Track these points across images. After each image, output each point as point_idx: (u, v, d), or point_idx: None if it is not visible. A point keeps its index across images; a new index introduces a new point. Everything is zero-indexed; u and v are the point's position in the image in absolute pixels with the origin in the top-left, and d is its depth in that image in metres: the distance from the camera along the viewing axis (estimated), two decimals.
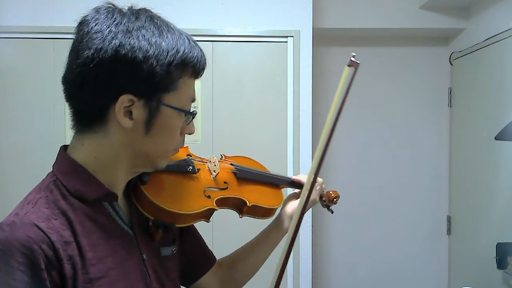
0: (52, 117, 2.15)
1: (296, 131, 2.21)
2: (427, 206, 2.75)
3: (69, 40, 0.77)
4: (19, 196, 0.80)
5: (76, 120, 0.76)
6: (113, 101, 0.71)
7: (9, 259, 0.62)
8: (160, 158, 0.79)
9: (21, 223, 0.66)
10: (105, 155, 0.75)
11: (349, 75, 0.88)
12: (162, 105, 0.73)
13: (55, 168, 0.77)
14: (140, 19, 0.73)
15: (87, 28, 0.72)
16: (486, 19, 2.32)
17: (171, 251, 0.86)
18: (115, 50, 0.69)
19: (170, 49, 0.72)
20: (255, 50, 2.21)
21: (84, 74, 0.70)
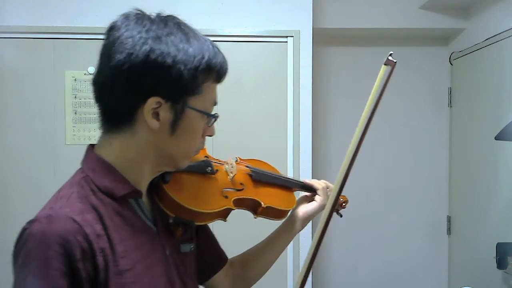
0: (52, 117, 2.15)
1: (296, 131, 2.21)
2: (427, 206, 2.75)
3: (69, 40, 0.78)
4: (19, 196, 0.80)
5: (104, 120, 0.79)
6: (141, 103, 0.74)
7: (47, 249, 0.66)
8: (183, 158, 0.83)
9: (57, 216, 0.70)
10: (131, 154, 0.78)
11: (385, 74, 0.91)
12: (187, 108, 0.77)
13: (84, 165, 0.81)
14: (169, 25, 0.78)
15: (118, 33, 0.75)
16: (486, 19, 2.32)
17: (189, 248, 0.90)
18: (146, 55, 0.72)
19: (197, 55, 0.75)
20: (255, 50, 2.21)
21: (115, 77, 0.74)
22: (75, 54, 2.15)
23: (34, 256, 0.67)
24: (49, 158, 2.14)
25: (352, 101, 2.73)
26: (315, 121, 2.31)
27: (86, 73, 2.15)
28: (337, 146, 2.72)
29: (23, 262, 0.69)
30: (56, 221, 0.69)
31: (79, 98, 2.16)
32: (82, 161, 0.82)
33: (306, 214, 1.10)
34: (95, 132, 2.16)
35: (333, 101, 2.73)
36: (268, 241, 1.10)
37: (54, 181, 2.13)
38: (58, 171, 2.14)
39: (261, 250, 1.10)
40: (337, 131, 2.73)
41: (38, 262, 0.66)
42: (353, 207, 2.79)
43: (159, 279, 0.79)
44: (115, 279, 0.71)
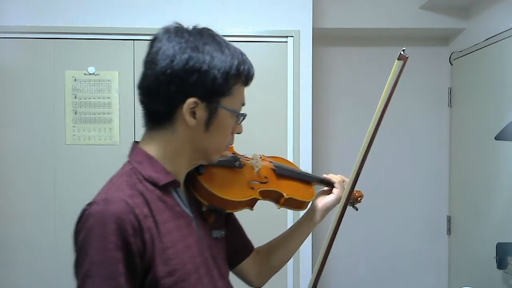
0: (52, 117, 2.15)
1: (296, 131, 2.21)
2: (427, 206, 2.75)
3: (69, 40, 0.80)
4: (19, 196, 0.81)
5: (148, 119, 0.92)
6: (181, 103, 0.86)
7: (104, 226, 0.78)
8: (215, 152, 0.94)
9: (112, 198, 0.81)
10: (171, 149, 0.90)
11: (398, 68, 1.01)
12: (219, 107, 0.89)
13: (131, 158, 0.92)
14: (204, 36, 0.88)
15: (161, 44, 0.87)
16: (486, 19, 2.32)
17: (220, 234, 1.01)
18: (185, 62, 0.84)
19: (228, 62, 0.87)
20: (255, 50, 2.21)
21: (159, 81, 0.85)
22: (75, 54, 2.15)
23: (94, 232, 0.78)
24: (49, 158, 2.14)
25: (352, 101, 2.74)
26: (315, 121, 2.31)
27: (86, 73, 2.15)
28: (337, 146, 2.72)
29: (84, 237, 0.79)
30: (112, 203, 0.80)
31: (79, 98, 2.16)
32: (129, 155, 0.93)
33: (325, 206, 1.19)
34: (95, 132, 2.16)
35: (333, 101, 2.73)
36: (290, 231, 1.21)
37: (54, 181, 2.13)
38: (58, 171, 2.14)
39: (284, 239, 1.20)
40: (337, 131, 2.73)
41: (97, 237, 0.78)
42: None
43: (196, 257, 0.90)
44: (160, 254, 0.83)
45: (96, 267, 0.77)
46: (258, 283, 1.18)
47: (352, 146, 2.75)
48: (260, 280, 1.18)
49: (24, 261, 2.13)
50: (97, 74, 2.16)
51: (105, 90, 2.16)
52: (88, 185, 2.14)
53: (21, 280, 2.13)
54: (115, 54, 2.16)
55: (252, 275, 1.16)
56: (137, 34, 2.16)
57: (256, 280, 1.17)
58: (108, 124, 2.16)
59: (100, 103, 2.16)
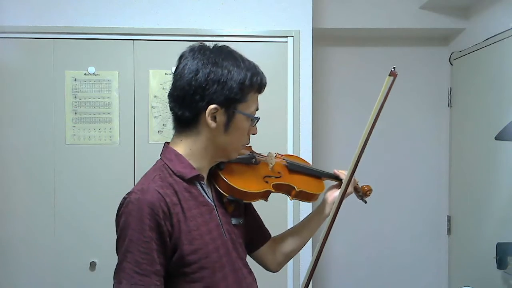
0: (52, 117, 2.15)
1: (296, 131, 2.20)
2: (427, 206, 2.75)
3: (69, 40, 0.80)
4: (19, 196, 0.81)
5: (176, 123, 1.08)
6: (204, 109, 1.02)
7: (141, 211, 0.96)
8: (233, 151, 1.11)
9: (147, 189, 0.99)
10: (196, 148, 1.07)
11: (388, 83, 1.21)
12: (236, 112, 1.05)
13: (163, 156, 1.09)
14: (223, 53, 1.05)
15: (186, 60, 1.04)
16: (486, 19, 2.32)
17: (239, 222, 1.17)
18: (207, 74, 1.01)
19: (242, 73, 1.04)
20: (255, 50, 2.21)
21: (185, 91, 1.02)
22: (75, 54, 2.15)
23: (132, 215, 0.96)
24: (49, 158, 2.14)
25: (352, 101, 2.74)
26: (315, 121, 2.31)
27: (86, 73, 2.15)
28: (337, 146, 2.72)
29: (124, 220, 0.97)
30: (147, 192, 0.98)
31: (79, 98, 2.16)
32: (161, 153, 1.10)
33: (334, 199, 1.30)
34: (95, 132, 2.16)
35: (333, 101, 2.73)
36: (303, 222, 1.36)
37: (54, 181, 2.13)
38: (58, 171, 2.14)
39: (298, 229, 1.35)
40: (337, 130, 2.73)
41: (135, 220, 0.95)
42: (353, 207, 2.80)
43: (216, 239, 1.06)
44: (185, 235, 1.00)
45: (134, 244, 0.95)
46: (275, 268, 1.34)
47: (352, 146, 2.74)
48: (276, 266, 1.34)
49: (24, 261, 2.13)
50: (97, 74, 2.16)
51: (105, 90, 2.16)
52: (88, 185, 2.15)
53: (21, 280, 2.13)
54: (115, 54, 2.16)
55: (269, 261, 1.32)
56: (137, 34, 2.16)
57: (272, 265, 1.33)
58: (108, 124, 2.16)
59: (100, 103, 2.16)
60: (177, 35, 2.17)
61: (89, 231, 2.12)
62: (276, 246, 1.34)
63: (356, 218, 2.70)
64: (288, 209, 2.20)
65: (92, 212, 2.12)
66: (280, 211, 2.18)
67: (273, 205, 1.28)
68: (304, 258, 2.22)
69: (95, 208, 2.11)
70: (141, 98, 2.16)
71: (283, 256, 1.34)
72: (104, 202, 2.09)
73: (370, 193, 1.45)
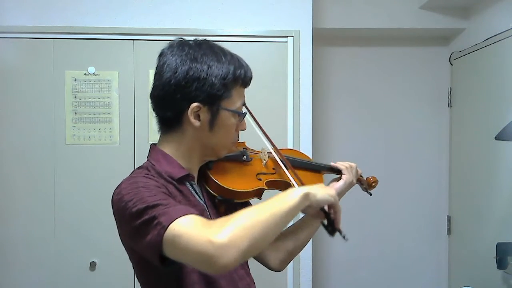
0: (52, 117, 2.14)
1: (296, 131, 2.20)
2: (427, 206, 2.75)
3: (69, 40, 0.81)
4: (19, 196, 0.81)
5: (161, 124, 1.04)
6: (186, 108, 0.98)
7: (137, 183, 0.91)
8: (222, 149, 1.06)
9: (137, 176, 0.95)
10: (183, 148, 1.03)
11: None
12: (220, 109, 1.00)
13: (150, 158, 1.04)
14: (202, 48, 1.00)
15: (165, 58, 0.99)
16: (486, 19, 2.32)
17: None
18: (186, 72, 0.96)
19: (224, 68, 0.98)
20: (255, 50, 2.21)
21: (166, 90, 0.98)
22: (75, 54, 2.15)
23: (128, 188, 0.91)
24: (49, 158, 2.14)
25: (352, 101, 2.74)
26: (315, 121, 2.31)
27: (86, 73, 2.15)
28: (337, 145, 2.72)
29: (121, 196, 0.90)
30: (138, 176, 0.94)
31: (79, 98, 2.16)
32: (148, 155, 1.06)
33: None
34: (95, 132, 2.16)
35: (333, 101, 2.73)
36: (304, 218, 1.29)
37: (54, 181, 2.13)
38: (58, 171, 2.14)
39: (299, 226, 1.28)
40: (337, 130, 2.73)
41: (131, 187, 0.90)
42: (353, 206, 2.80)
43: None
44: None
45: (142, 193, 0.87)
46: (277, 267, 1.27)
47: (352, 145, 2.76)
48: (279, 264, 1.27)
49: (24, 261, 2.13)
50: (97, 74, 2.16)
51: (105, 90, 2.16)
52: (88, 185, 2.15)
53: (21, 280, 2.13)
54: (115, 54, 2.16)
55: (271, 259, 1.25)
56: (137, 34, 2.16)
57: (274, 264, 1.26)
58: (108, 124, 2.16)
59: (100, 103, 2.16)
60: (177, 35, 2.13)
61: (89, 231, 2.12)
62: (278, 243, 1.27)
63: (356, 218, 2.70)
64: None
65: (92, 212, 2.12)
66: None
67: None
68: (304, 258, 2.22)
69: (95, 208, 2.11)
70: (141, 98, 2.16)
71: (286, 254, 1.28)
72: (104, 202, 2.07)
73: (376, 185, 1.38)
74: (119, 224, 0.94)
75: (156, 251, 0.81)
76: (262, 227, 0.79)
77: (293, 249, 1.27)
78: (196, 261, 0.78)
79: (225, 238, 0.75)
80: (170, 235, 0.79)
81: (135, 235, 0.86)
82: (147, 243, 0.82)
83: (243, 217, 0.79)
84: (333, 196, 0.99)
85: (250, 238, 0.77)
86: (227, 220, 0.78)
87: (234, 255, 0.75)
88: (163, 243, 0.79)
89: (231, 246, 0.74)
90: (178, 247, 0.78)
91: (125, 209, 0.87)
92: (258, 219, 0.80)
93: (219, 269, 0.75)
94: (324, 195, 0.95)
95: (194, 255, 0.76)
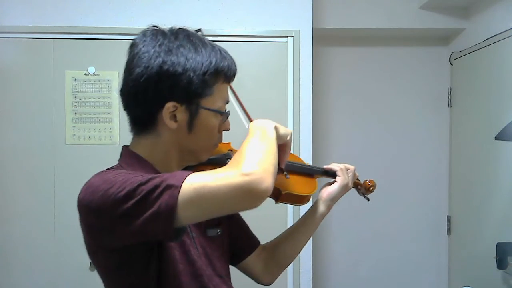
0: (52, 117, 2.15)
1: (296, 131, 2.20)
2: (427, 206, 2.75)
3: (69, 40, 0.81)
4: (19, 196, 0.81)
5: (133, 124, 0.92)
6: (160, 107, 0.85)
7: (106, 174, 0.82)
8: (203, 152, 0.95)
9: (106, 172, 0.84)
10: (158, 151, 0.90)
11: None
12: (200, 108, 0.88)
13: (121, 161, 0.92)
14: (179, 38, 0.88)
15: (137, 49, 0.87)
16: (486, 19, 2.32)
17: (216, 233, 1.02)
18: (159, 66, 0.84)
19: (204, 62, 0.86)
20: (255, 50, 2.21)
21: (136, 87, 0.85)
22: (75, 54, 2.15)
23: (96, 183, 0.80)
24: (49, 158, 2.14)
25: (352, 101, 2.74)
26: (315, 121, 2.31)
27: (86, 73, 2.15)
28: (337, 145, 2.72)
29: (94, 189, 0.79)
30: (108, 172, 0.83)
31: (79, 98, 2.16)
32: (119, 159, 0.94)
33: (330, 196, 1.16)
34: (95, 132, 2.16)
35: (333, 101, 2.73)
36: (296, 225, 1.18)
37: (54, 181, 2.13)
38: (58, 171, 2.14)
39: (290, 234, 1.17)
40: (337, 131, 2.73)
41: (101, 180, 0.80)
42: (353, 206, 2.80)
43: (186, 253, 0.91)
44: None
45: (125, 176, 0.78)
46: (266, 280, 1.17)
47: (352, 145, 2.76)
48: (269, 277, 1.17)
49: (24, 261, 2.13)
50: (97, 74, 2.16)
51: (105, 90, 2.16)
52: None
53: (21, 280, 2.13)
54: (115, 54, 2.16)
55: (259, 272, 1.16)
56: (137, 34, 2.15)
57: (263, 277, 1.16)
58: (108, 124, 2.16)
59: (100, 103, 2.16)
60: None
61: None
62: (267, 254, 1.17)
63: (356, 218, 2.70)
64: (288, 210, 2.20)
65: None
66: (279, 212, 2.18)
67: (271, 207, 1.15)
68: (304, 258, 2.22)
69: None
70: None
71: (276, 266, 1.17)
72: None
73: (374, 189, 1.28)
74: (92, 223, 0.80)
75: (170, 218, 0.72)
76: (271, 154, 0.80)
77: (285, 259, 1.18)
78: (234, 201, 0.74)
79: (256, 166, 0.74)
80: (188, 191, 0.72)
81: (123, 222, 0.74)
82: (151, 218, 0.73)
83: (253, 149, 0.79)
84: (289, 136, 0.95)
85: (271, 163, 0.78)
86: (240, 157, 0.77)
87: (269, 178, 0.74)
88: (178, 206, 0.72)
89: (264, 171, 0.74)
90: (205, 198, 0.72)
91: (106, 198, 0.75)
92: (265, 148, 0.80)
93: (262, 196, 0.74)
94: (284, 132, 0.93)
95: (231, 194, 0.72)
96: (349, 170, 1.20)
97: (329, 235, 2.72)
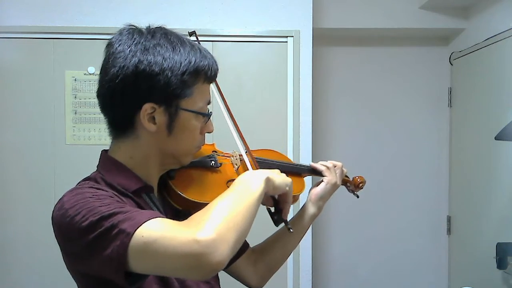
0: (52, 117, 2.14)
1: (296, 131, 2.20)
2: (427, 206, 2.75)
3: (69, 40, 0.81)
4: (19, 196, 0.81)
5: (111, 128, 0.88)
6: (138, 109, 0.82)
7: (81, 193, 0.77)
8: (184, 155, 0.90)
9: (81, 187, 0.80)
10: (138, 155, 0.87)
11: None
12: (180, 110, 0.84)
13: (99, 167, 0.88)
14: (156, 37, 0.84)
15: (112, 49, 0.84)
16: (486, 19, 2.32)
17: None
18: (135, 66, 0.80)
19: (183, 61, 0.82)
20: (255, 50, 2.21)
21: (112, 88, 0.82)
22: (75, 54, 2.15)
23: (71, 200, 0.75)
24: (49, 158, 2.14)
25: (352, 101, 2.74)
26: (315, 121, 2.31)
27: (86, 73, 2.15)
28: (337, 145, 2.72)
29: (63, 213, 0.75)
30: (83, 187, 0.79)
31: (79, 98, 2.16)
32: (98, 165, 0.89)
33: (317, 196, 1.13)
34: (95, 132, 2.16)
35: (333, 101, 2.73)
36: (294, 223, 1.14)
37: (54, 181, 2.13)
38: (58, 171, 2.14)
39: (280, 236, 1.14)
40: (337, 131, 2.73)
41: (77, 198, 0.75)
42: (353, 206, 2.80)
43: None
44: None
45: (92, 204, 0.73)
46: (256, 283, 1.14)
47: (352, 145, 2.76)
48: (259, 280, 1.14)
49: (24, 261, 2.13)
50: (97, 74, 2.15)
51: None
52: None
53: (21, 280, 2.13)
54: None
55: (248, 275, 1.12)
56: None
57: (253, 280, 1.13)
58: None
59: None
60: None
61: None
62: (256, 257, 1.13)
63: (355, 218, 2.70)
64: None
65: None
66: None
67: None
68: (304, 258, 2.22)
69: None
70: None
71: (266, 269, 1.13)
72: None
73: (363, 186, 1.24)
74: (63, 245, 0.80)
75: (120, 266, 0.68)
76: (242, 217, 0.71)
77: (275, 261, 1.14)
78: (181, 267, 0.66)
79: (212, 233, 0.65)
80: (138, 243, 0.66)
81: (87, 253, 0.71)
82: (105, 259, 0.68)
83: (220, 209, 0.70)
84: (288, 185, 0.89)
85: (235, 229, 0.68)
86: (204, 215, 0.69)
87: (226, 250, 0.65)
88: (129, 255, 0.67)
89: (221, 240, 0.65)
90: (153, 255, 0.66)
91: (72, 225, 0.72)
92: (235, 209, 0.71)
93: (213, 268, 0.65)
94: (281, 182, 0.87)
95: (178, 260, 0.65)
96: (336, 167, 1.16)
97: (329, 235, 2.72)
